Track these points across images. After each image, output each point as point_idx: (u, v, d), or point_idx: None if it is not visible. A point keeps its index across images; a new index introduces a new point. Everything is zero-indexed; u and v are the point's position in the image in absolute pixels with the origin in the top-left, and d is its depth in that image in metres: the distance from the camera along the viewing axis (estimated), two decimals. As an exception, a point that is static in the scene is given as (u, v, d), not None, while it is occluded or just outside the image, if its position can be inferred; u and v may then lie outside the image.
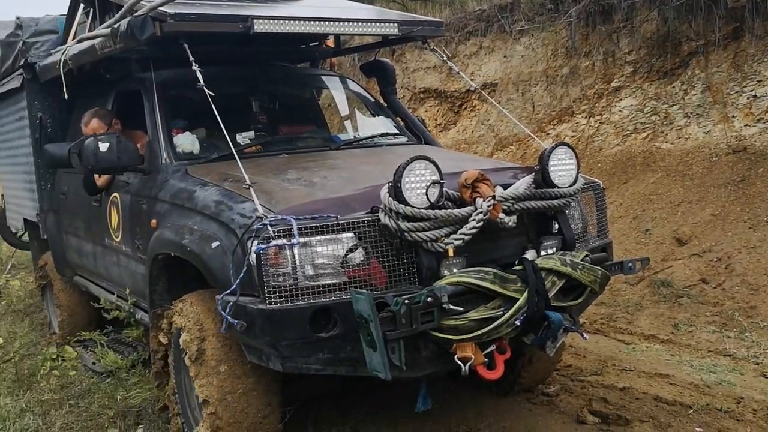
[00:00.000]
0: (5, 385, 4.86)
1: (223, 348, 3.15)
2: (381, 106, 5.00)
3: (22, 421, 4.22)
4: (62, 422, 4.20)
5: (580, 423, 3.82)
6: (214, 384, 3.11)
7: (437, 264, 2.84)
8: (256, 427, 3.15)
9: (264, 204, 2.93)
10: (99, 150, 3.75)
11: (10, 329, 6.32)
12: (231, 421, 3.10)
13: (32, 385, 4.84)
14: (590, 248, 3.40)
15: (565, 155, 3.15)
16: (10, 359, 5.19)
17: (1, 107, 6.54)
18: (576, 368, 4.62)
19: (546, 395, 4.18)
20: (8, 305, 7.30)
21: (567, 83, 9.06)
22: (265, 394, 3.17)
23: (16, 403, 4.50)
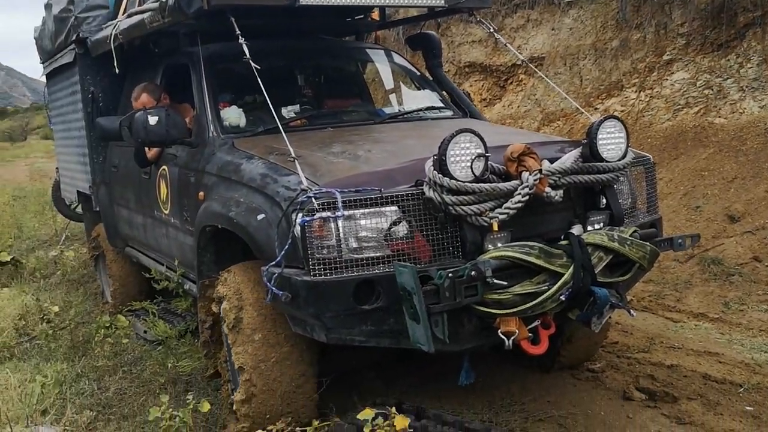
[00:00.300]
0: (62, 351, 5.02)
1: (259, 317, 3.22)
2: (426, 79, 4.96)
3: (78, 386, 4.36)
4: (116, 387, 4.33)
5: (626, 399, 3.78)
6: (249, 352, 3.18)
7: (481, 238, 2.82)
8: (290, 396, 3.22)
9: (309, 177, 2.95)
10: (148, 123, 3.83)
11: (65, 298, 6.51)
12: (265, 389, 3.18)
13: (87, 351, 4.98)
14: (639, 224, 3.33)
15: (614, 128, 3.09)
16: (66, 327, 5.35)
17: (56, 82, 6.71)
18: (623, 345, 4.57)
19: (591, 371, 4.15)
20: (63, 275, 7.52)
21: (617, 56, 8.84)
22: (299, 363, 3.23)
23: (73, 369, 4.65)
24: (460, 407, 3.73)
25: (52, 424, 3.85)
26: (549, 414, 3.63)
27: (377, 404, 3.34)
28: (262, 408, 3.21)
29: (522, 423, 3.56)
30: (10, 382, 4.40)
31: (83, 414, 3.92)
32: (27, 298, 6.31)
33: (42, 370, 4.60)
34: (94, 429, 3.79)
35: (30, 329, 5.54)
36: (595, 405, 3.74)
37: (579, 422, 3.55)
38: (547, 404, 3.76)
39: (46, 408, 4.04)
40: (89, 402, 4.14)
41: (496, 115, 10.53)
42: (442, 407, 3.69)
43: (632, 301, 5.41)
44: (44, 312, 5.58)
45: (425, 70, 5.13)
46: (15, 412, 3.94)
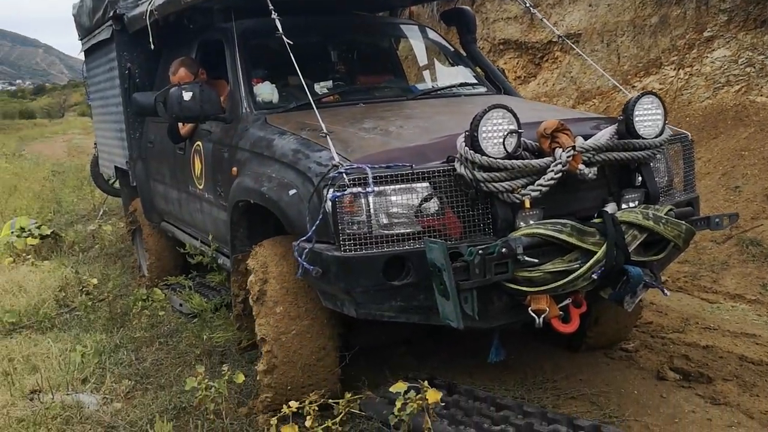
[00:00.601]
0: (100, 322, 5.14)
1: (281, 290, 3.26)
2: (460, 55, 4.91)
3: (117, 356, 4.47)
4: (153, 358, 4.43)
5: (660, 379, 3.75)
6: (271, 324, 3.24)
7: (513, 215, 2.81)
8: (310, 368, 3.27)
9: (340, 152, 2.96)
10: (183, 99, 3.86)
11: (103, 271, 6.66)
12: (285, 360, 3.23)
13: (125, 323, 5.10)
14: (675, 202, 3.28)
15: (651, 105, 3.02)
16: (104, 299, 5.47)
17: (94, 58, 6.80)
18: (657, 325, 4.51)
19: (625, 351, 4.11)
20: (101, 249, 7.70)
21: (656, 33, 8.63)
22: (319, 337, 3.27)
23: (111, 339, 4.77)
24: (491, 383, 3.74)
25: (92, 392, 3.96)
26: (581, 392, 3.62)
27: (409, 378, 3.38)
28: (283, 379, 3.27)
29: (554, 400, 3.55)
30: (51, 352, 4.53)
31: (122, 383, 4.02)
32: (66, 270, 6.48)
33: (82, 340, 4.72)
34: (132, 398, 3.88)
35: (70, 301, 5.68)
36: (628, 384, 3.72)
37: (612, 401, 3.53)
38: (579, 382, 3.75)
39: (87, 377, 4.15)
40: (127, 372, 4.24)
41: (530, 93, 10.39)
42: (474, 383, 3.71)
43: (667, 282, 5.34)
44: (83, 284, 5.73)
45: (459, 45, 5.08)
46: (57, 380, 4.05)
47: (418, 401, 2.98)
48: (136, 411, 3.66)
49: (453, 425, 3.10)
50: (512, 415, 3.16)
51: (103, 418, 3.59)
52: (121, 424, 3.52)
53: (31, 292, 5.91)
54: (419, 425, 3.03)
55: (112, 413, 3.65)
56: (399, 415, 3.00)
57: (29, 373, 4.26)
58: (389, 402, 3.25)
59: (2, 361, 4.47)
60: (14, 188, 12.85)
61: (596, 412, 3.42)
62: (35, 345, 4.73)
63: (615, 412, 3.41)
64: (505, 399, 3.37)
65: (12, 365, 4.33)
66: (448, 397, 3.38)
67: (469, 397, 3.42)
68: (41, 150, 25.24)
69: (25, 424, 3.52)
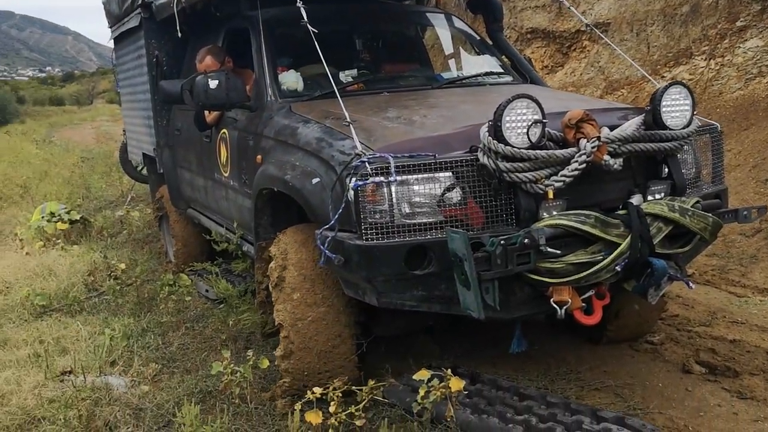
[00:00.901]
0: (128, 306, 5.23)
1: (299, 277, 3.29)
2: (486, 44, 4.88)
3: (144, 340, 4.55)
4: (179, 342, 4.49)
5: (685, 372, 3.72)
6: (288, 310, 3.27)
7: (536, 206, 2.79)
8: (326, 355, 3.29)
9: (363, 141, 2.96)
10: (209, 87, 3.89)
11: (131, 256, 6.75)
12: (302, 346, 3.26)
13: (152, 308, 5.18)
14: (702, 194, 3.23)
15: (679, 95, 2.98)
16: (132, 284, 5.56)
17: (122, 46, 6.87)
18: (683, 318, 4.47)
19: (650, 343, 4.08)
20: (129, 234, 7.82)
21: (686, 22, 8.49)
22: (335, 324, 3.28)
23: (138, 323, 4.85)
24: (515, 373, 3.74)
25: (121, 374, 4.04)
26: (605, 384, 3.62)
27: (432, 367, 3.39)
28: (299, 365, 3.30)
29: (578, 391, 3.55)
30: (81, 334, 4.63)
31: (149, 366, 4.10)
32: (95, 255, 6.59)
33: (110, 323, 4.81)
34: (159, 381, 3.95)
35: (98, 285, 5.79)
36: (653, 376, 3.70)
37: (636, 393, 3.51)
38: (603, 374, 3.73)
39: (115, 359, 4.24)
40: (154, 355, 4.31)
41: (557, 83, 10.30)
42: (497, 373, 3.72)
43: (694, 275, 5.29)
44: (111, 269, 5.84)
45: (485, 34, 5.04)
46: (86, 362, 4.13)
47: (441, 389, 3.01)
48: (162, 394, 3.72)
49: (476, 414, 3.11)
50: (535, 405, 3.16)
51: (131, 400, 3.66)
52: (149, 406, 3.58)
53: (61, 276, 6.02)
54: (442, 413, 3.06)
55: (139, 395, 3.72)
56: (422, 402, 3.03)
57: (59, 354, 4.35)
58: (412, 390, 3.27)
59: (34, 342, 4.57)
60: (45, 174, 13.13)
61: (620, 404, 3.41)
62: (65, 328, 4.84)
63: (639, 405, 3.39)
64: (529, 389, 3.37)
65: (43, 347, 4.42)
66: (472, 386, 3.39)
67: (492, 387, 3.42)
68: (70, 136, 25.67)
69: (56, 405, 3.59)
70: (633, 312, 3.81)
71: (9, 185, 11.85)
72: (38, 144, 20.83)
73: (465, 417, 3.08)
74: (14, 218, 9.08)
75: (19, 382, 3.94)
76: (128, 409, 3.57)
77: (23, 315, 5.20)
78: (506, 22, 11.00)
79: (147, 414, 3.51)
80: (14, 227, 8.22)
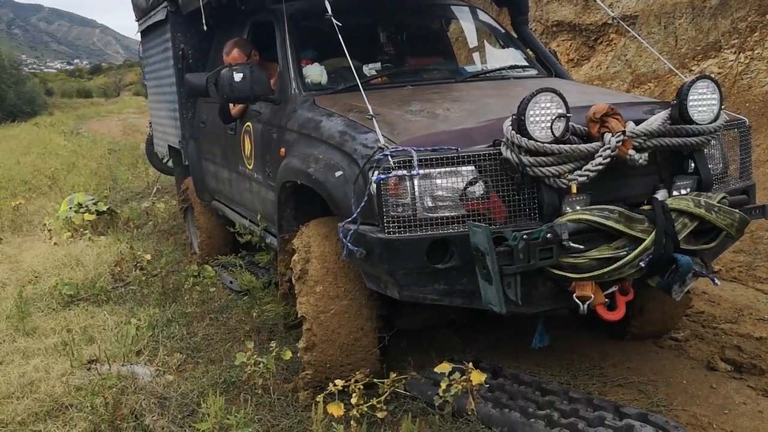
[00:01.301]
0: (154, 297, 5.29)
1: (322, 270, 3.31)
2: (511, 37, 4.85)
3: (169, 330, 4.59)
4: (204, 333, 4.54)
5: (710, 370, 3.69)
6: (311, 302, 3.30)
7: (559, 200, 2.77)
8: (348, 347, 3.31)
9: (386, 135, 2.96)
10: (233, 80, 3.92)
11: (156, 247, 6.82)
12: (324, 339, 3.28)
13: (177, 298, 5.24)
14: (729, 190, 3.19)
15: (706, 89, 2.94)
16: (158, 274, 5.62)
17: (149, 39, 6.94)
18: (709, 315, 4.41)
19: (675, 340, 4.05)
20: (154, 226, 7.89)
21: (716, 15, 8.35)
22: (357, 317, 3.30)
23: (164, 314, 4.90)
24: (537, 368, 3.73)
25: (146, 363, 4.09)
26: (629, 380, 3.60)
27: (454, 360, 3.39)
28: (322, 357, 3.32)
29: (600, 387, 3.54)
30: (107, 324, 4.71)
31: (174, 356, 4.15)
32: (122, 246, 6.67)
33: (136, 313, 4.87)
34: (184, 371, 3.99)
35: (125, 275, 5.85)
36: (677, 373, 3.67)
37: (660, 389, 3.49)
38: (627, 370, 3.71)
39: (141, 349, 4.29)
40: (179, 345, 4.35)
41: (583, 76, 10.20)
42: (519, 367, 3.71)
43: (721, 271, 5.22)
44: (137, 260, 5.91)
45: (510, 27, 5.01)
46: (112, 351, 4.20)
47: (462, 383, 3.01)
48: (187, 383, 3.77)
49: (497, 408, 3.11)
50: (557, 401, 3.16)
51: (156, 389, 3.70)
52: (174, 395, 3.62)
53: (88, 266, 6.09)
54: (463, 407, 3.06)
55: (164, 385, 3.76)
56: (443, 396, 3.05)
57: (86, 343, 4.42)
58: (434, 383, 3.28)
59: (61, 331, 4.64)
60: (72, 165, 13.25)
61: (643, 400, 3.39)
62: (92, 317, 4.91)
63: (663, 401, 3.37)
64: (551, 384, 3.36)
65: (71, 336, 4.49)
66: (493, 380, 3.40)
67: (514, 381, 3.42)
68: (97, 128, 25.97)
69: (83, 393, 3.63)
70: (657, 307, 3.78)
71: (38, 176, 11.98)
72: (66, 136, 21.05)
73: (486, 411, 3.08)
74: (43, 209, 9.17)
75: (47, 369, 4.01)
76: (153, 398, 3.60)
77: (51, 304, 5.27)
78: (532, 15, 10.92)
79: (172, 403, 3.55)
80: (43, 218, 8.30)
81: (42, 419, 3.49)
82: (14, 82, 39.00)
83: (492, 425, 3.04)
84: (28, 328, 4.71)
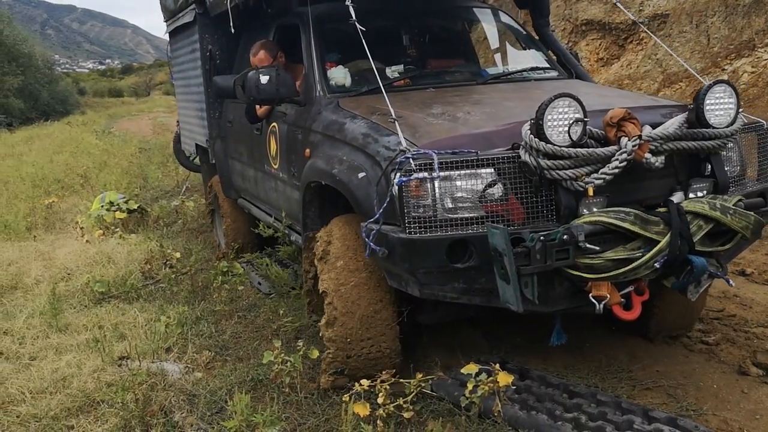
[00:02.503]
0: (183, 295, 5.37)
1: (342, 247, 3.43)
2: (533, 39, 4.90)
3: (198, 327, 4.65)
4: (232, 331, 4.58)
5: (741, 374, 3.64)
6: (332, 277, 3.40)
7: (576, 203, 2.83)
8: (368, 320, 3.38)
9: (408, 138, 3.04)
10: (260, 82, 4.03)
11: (185, 245, 6.90)
12: (344, 311, 3.37)
13: (206, 296, 5.31)
14: (747, 192, 3.22)
15: (723, 93, 2.98)
16: (187, 272, 5.70)
17: (177, 40, 7.09)
18: (740, 318, 4.35)
19: (705, 343, 4.01)
20: (184, 224, 7.99)
21: (749, 13, 8.25)
22: (376, 289, 3.39)
23: (193, 311, 4.95)
24: (565, 370, 3.72)
25: (175, 360, 4.16)
26: (658, 383, 3.57)
27: (481, 361, 3.42)
28: (342, 331, 3.39)
29: (629, 390, 3.51)
30: (138, 321, 4.79)
31: (203, 353, 4.20)
32: (152, 244, 6.77)
33: (165, 311, 4.94)
34: (212, 368, 4.04)
35: (155, 273, 5.95)
36: (707, 377, 3.63)
37: (689, 393, 3.46)
38: (656, 373, 3.68)
39: (170, 346, 4.36)
40: (208, 343, 4.41)
41: (613, 76, 10.14)
42: (547, 369, 3.71)
43: (753, 274, 5.16)
44: (167, 258, 5.98)
45: (532, 29, 5.05)
46: (143, 348, 4.26)
47: (489, 384, 3.03)
48: (215, 381, 3.81)
49: (524, 410, 3.11)
50: (585, 403, 3.14)
51: (185, 386, 3.75)
52: (202, 393, 3.67)
53: (119, 264, 6.19)
54: (490, 408, 3.08)
55: (193, 382, 3.82)
56: (470, 397, 3.06)
57: (117, 340, 4.48)
58: (460, 384, 3.29)
59: (93, 328, 4.71)
60: (104, 164, 13.45)
61: (673, 404, 3.37)
62: (123, 314, 4.98)
63: (692, 406, 3.34)
64: (579, 386, 3.35)
65: (102, 332, 4.56)
66: (520, 382, 3.39)
67: (541, 383, 3.41)
68: (128, 127, 26.26)
69: (113, 389, 3.70)
70: (671, 308, 3.82)
71: (70, 175, 12.16)
72: (98, 135, 21.28)
73: (513, 412, 3.08)
74: (75, 207, 9.31)
75: (79, 365, 4.08)
76: (182, 395, 3.66)
77: (83, 301, 5.34)
78: (561, 14, 10.89)
79: (200, 400, 3.60)
80: (75, 216, 8.42)
81: (74, 414, 3.56)
82: (48, 81, 39.62)
83: (519, 427, 3.04)
84: (60, 324, 4.79)
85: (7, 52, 33.85)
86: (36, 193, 10.34)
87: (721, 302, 4.58)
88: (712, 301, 4.57)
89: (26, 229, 8.09)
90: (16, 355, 4.33)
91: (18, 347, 4.46)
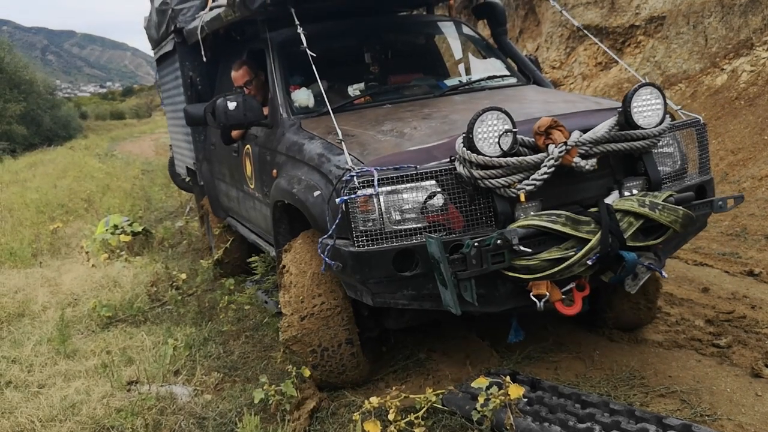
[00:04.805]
0: (190, 316, 5.40)
1: (303, 244, 3.73)
2: (492, 47, 5.04)
3: (206, 349, 4.68)
4: (240, 351, 4.60)
5: (755, 377, 3.60)
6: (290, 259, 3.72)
7: (512, 208, 3.02)
8: (319, 277, 3.61)
9: (356, 156, 3.23)
10: (228, 108, 4.22)
11: (191, 266, 6.92)
12: (296, 272, 3.66)
13: (212, 317, 5.34)
14: (686, 186, 3.38)
15: (650, 95, 3.14)
16: (193, 293, 5.80)
17: (163, 67, 7.32)
18: (751, 320, 4.29)
19: (716, 346, 3.96)
20: (188, 245, 8.09)
21: (746, 12, 8.25)
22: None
23: (200, 333, 4.99)
24: (576, 380, 3.72)
25: (184, 383, 4.19)
26: (671, 389, 3.54)
27: (492, 374, 3.51)
28: (297, 291, 3.61)
29: (642, 398, 3.48)
30: (145, 344, 4.83)
31: (211, 375, 4.25)
32: (157, 265, 6.84)
33: (173, 333, 5.00)
34: (222, 390, 4.06)
35: (161, 295, 6.03)
36: (720, 381, 3.59)
37: (703, 399, 3.42)
38: (668, 379, 3.65)
39: (179, 369, 4.39)
40: (216, 364, 4.42)
41: (612, 79, 10.14)
42: (558, 379, 3.72)
43: (762, 274, 5.07)
44: (173, 279, 6.11)
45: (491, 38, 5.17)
46: (151, 371, 4.30)
47: (500, 397, 3.04)
48: (225, 403, 3.83)
49: (537, 422, 3.08)
50: (598, 413, 3.11)
51: (195, 410, 3.78)
52: (211, 415, 3.70)
53: (125, 287, 6.22)
54: (502, 421, 3.07)
55: (202, 405, 3.84)
56: (481, 410, 3.07)
57: (126, 364, 4.52)
58: (471, 397, 3.30)
59: (101, 353, 4.76)
60: (107, 187, 13.54)
61: (687, 410, 3.33)
62: (130, 338, 5.02)
63: (707, 411, 3.31)
64: (591, 396, 3.30)
65: (110, 357, 4.61)
66: (532, 393, 3.38)
67: (553, 394, 3.39)
68: (131, 149, 26.12)
69: (123, 414, 3.72)
70: (624, 300, 3.99)
71: (74, 199, 12.24)
72: (101, 158, 21.32)
73: (526, 425, 3.03)
74: (80, 231, 9.38)
75: (88, 392, 4.10)
76: (192, 418, 3.69)
77: (91, 326, 5.40)
78: (557, 20, 10.87)
79: (210, 423, 3.63)
80: (80, 240, 8.50)
81: (85, 442, 3.56)
82: (50, 107, 39.59)
83: (532, 439, 2.99)
84: (68, 350, 4.81)
85: (9, 79, 34.04)
86: (41, 219, 10.39)
87: (731, 304, 4.57)
88: (722, 302, 4.61)
89: (32, 256, 8.13)
90: (25, 384, 4.36)
91: (26, 375, 4.49)
